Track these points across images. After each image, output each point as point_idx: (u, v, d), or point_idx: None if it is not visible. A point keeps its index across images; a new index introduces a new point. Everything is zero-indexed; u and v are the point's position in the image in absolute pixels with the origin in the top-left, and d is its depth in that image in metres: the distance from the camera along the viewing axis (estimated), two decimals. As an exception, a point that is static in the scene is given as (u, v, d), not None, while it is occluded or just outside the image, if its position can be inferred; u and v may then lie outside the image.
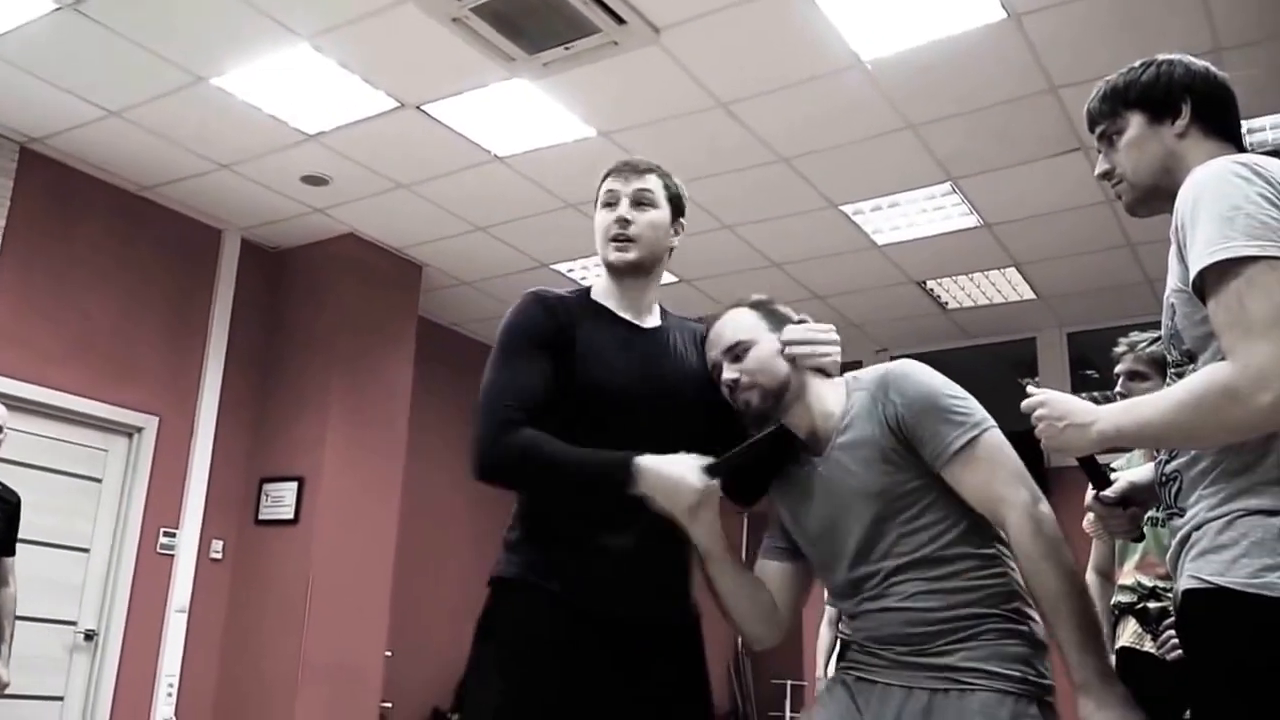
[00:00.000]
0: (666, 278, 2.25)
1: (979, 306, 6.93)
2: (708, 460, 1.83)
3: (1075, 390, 5.96)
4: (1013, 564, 1.77)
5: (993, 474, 1.73)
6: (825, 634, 4.55)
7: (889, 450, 1.78)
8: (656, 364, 2.05)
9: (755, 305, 1.99)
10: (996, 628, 1.72)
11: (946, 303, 6.91)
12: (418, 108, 4.89)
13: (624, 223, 2.05)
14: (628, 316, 2.08)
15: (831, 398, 1.88)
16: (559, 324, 1.98)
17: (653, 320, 2.13)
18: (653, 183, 2.10)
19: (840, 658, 1.93)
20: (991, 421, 1.74)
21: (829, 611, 4.39)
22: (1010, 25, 4.17)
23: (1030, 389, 1.76)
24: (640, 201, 2.07)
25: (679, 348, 2.11)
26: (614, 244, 2.05)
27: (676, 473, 1.81)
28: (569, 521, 1.94)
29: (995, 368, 7.34)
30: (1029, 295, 6.74)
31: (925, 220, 5.81)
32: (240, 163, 5.49)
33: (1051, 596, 1.64)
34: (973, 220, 5.80)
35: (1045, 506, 1.68)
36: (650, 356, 2.05)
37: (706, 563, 1.91)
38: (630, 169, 2.10)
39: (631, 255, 2.04)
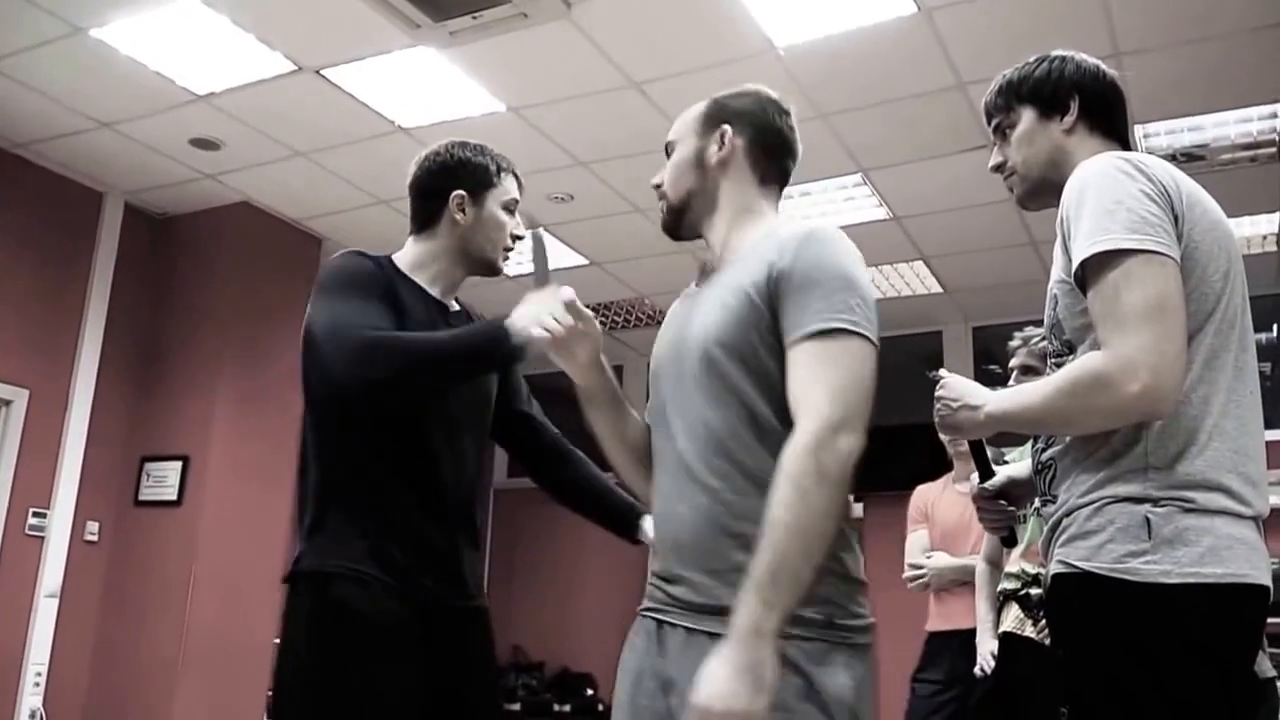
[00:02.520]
0: (577, 259, 2.26)
1: (887, 299, 6.99)
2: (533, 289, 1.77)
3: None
4: None
5: (823, 376, 1.44)
6: None
7: (751, 301, 1.52)
8: None
9: (712, 102, 1.76)
10: None
11: (854, 294, 6.94)
12: (316, 72, 4.68)
13: (517, 239, 2.17)
14: (436, 294, 2.11)
15: (750, 233, 1.65)
16: (389, 283, 2.00)
17: (455, 305, 2.18)
18: None
19: None
20: (871, 335, 1.48)
21: None
22: (921, 19, 4.19)
23: (940, 373, 1.83)
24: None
25: None
26: (509, 253, 2.17)
27: (537, 301, 1.73)
28: (386, 510, 1.94)
29: (902, 360, 7.41)
30: (936, 289, 6.85)
31: (835, 210, 5.83)
32: (123, 122, 5.19)
33: (772, 521, 1.36)
34: (882, 212, 5.83)
35: (846, 441, 1.39)
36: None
37: (585, 405, 1.74)
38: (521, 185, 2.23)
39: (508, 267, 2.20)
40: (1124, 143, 1.75)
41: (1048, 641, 2.79)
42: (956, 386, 1.74)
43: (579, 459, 2.29)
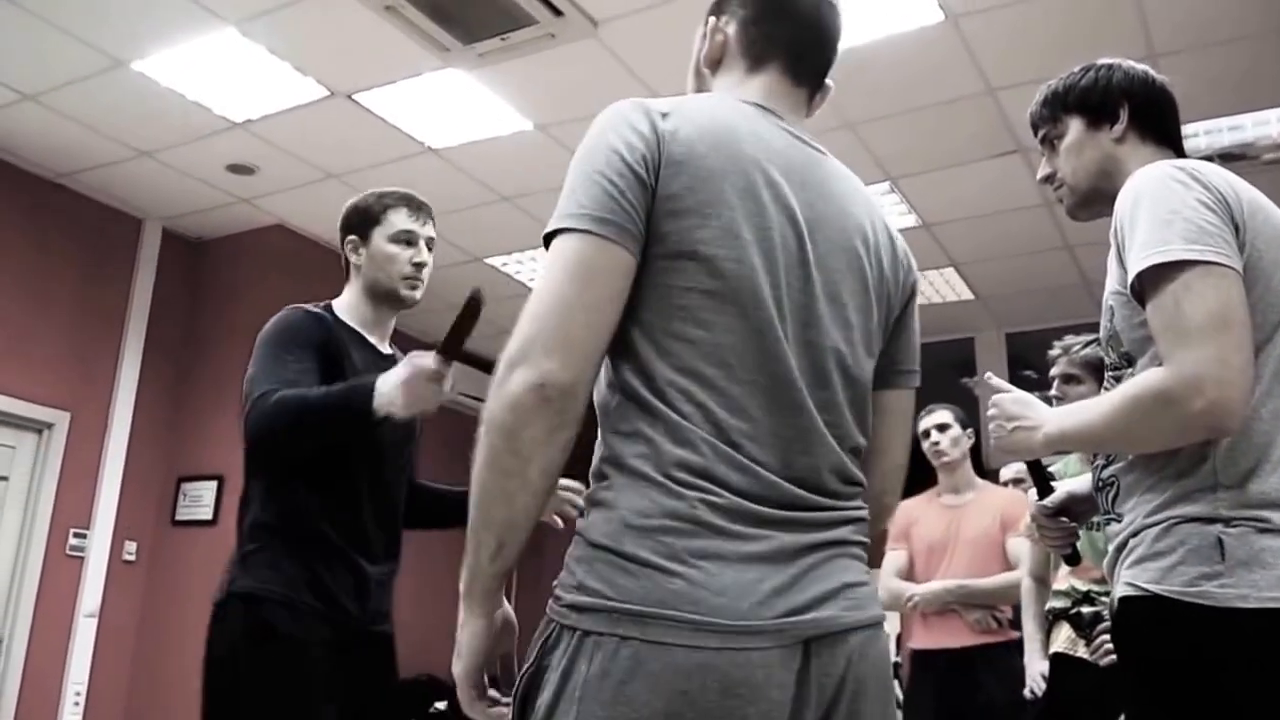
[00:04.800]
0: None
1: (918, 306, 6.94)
2: (432, 350, 1.94)
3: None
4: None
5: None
6: None
7: None
8: None
9: None
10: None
11: (884, 303, 6.91)
12: (349, 96, 4.75)
13: (420, 267, 2.27)
14: (374, 341, 2.27)
15: None
16: (330, 337, 2.13)
17: (387, 349, 2.32)
18: (433, 229, 2.34)
19: None
20: (578, 223, 1.12)
21: None
22: (948, 26, 4.18)
23: (992, 381, 1.79)
24: (428, 248, 2.31)
25: None
26: (408, 281, 2.26)
27: (409, 370, 1.93)
28: (318, 540, 2.06)
29: (934, 367, 7.34)
30: (967, 296, 6.80)
31: (864, 220, 5.81)
32: (162, 150, 5.28)
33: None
34: (911, 220, 5.81)
35: (517, 379, 1.07)
36: None
37: None
38: (425, 213, 2.31)
39: (419, 294, 2.29)
40: (1177, 149, 1.70)
41: (1101, 663, 2.74)
42: (1009, 407, 1.68)
43: (418, 487, 2.40)
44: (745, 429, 1.12)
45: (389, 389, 1.92)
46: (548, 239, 1.14)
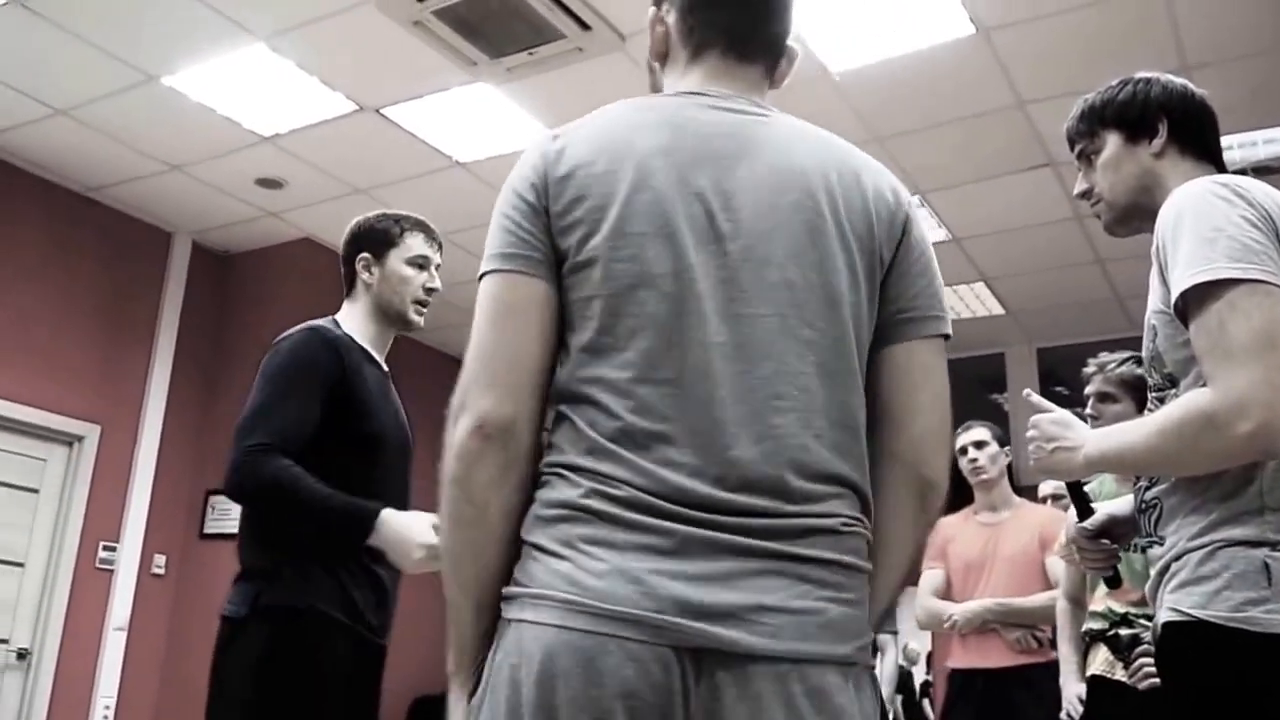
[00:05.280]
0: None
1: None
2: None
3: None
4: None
5: None
6: None
7: None
8: (398, 409, 2.28)
9: None
10: None
11: (913, 318, 6.86)
12: (377, 111, 4.78)
13: (431, 293, 2.31)
14: (375, 355, 2.28)
15: None
16: (343, 369, 2.12)
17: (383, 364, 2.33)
18: (441, 257, 2.36)
19: None
20: (491, 264, 1.14)
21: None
22: (979, 40, 4.16)
23: (1032, 399, 1.75)
24: (437, 273, 2.34)
25: (397, 393, 2.35)
26: (418, 306, 2.30)
27: (413, 531, 1.97)
28: (343, 550, 2.04)
29: (964, 383, 7.30)
30: (998, 310, 6.75)
31: (892, 235, 5.78)
32: (192, 164, 5.33)
33: None
34: (941, 234, 5.77)
35: (460, 426, 1.09)
36: (394, 400, 2.28)
37: None
38: (438, 241, 2.34)
39: (423, 320, 2.33)
40: (1217, 164, 1.67)
41: (1139, 686, 2.68)
42: (1048, 428, 1.64)
43: None
44: (656, 429, 1.06)
45: (390, 543, 1.98)
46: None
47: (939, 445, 1.20)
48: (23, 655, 5.20)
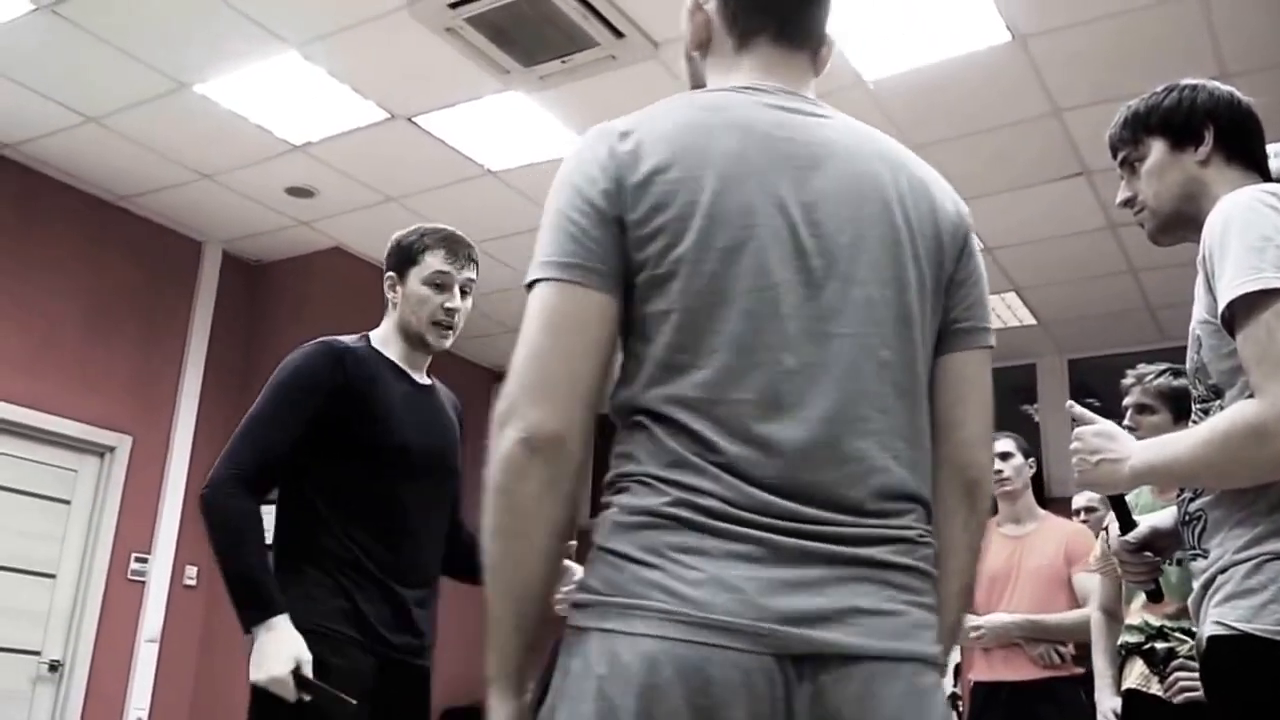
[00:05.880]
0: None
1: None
2: (307, 668, 1.90)
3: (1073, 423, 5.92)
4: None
5: None
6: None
7: None
8: (435, 423, 2.22)
9: None
10: None
11: (944, 328, 6.82)
12: (409, 119, 4.78)
13: (452, 313, 2.21)
14: (407, 369, 2.22)
15: None
16: (346, 379, 2.08)
17: (424, 378, 2.28)
18: (476, 272, 2.27)
19: None
20: (546, 272, 1.09)
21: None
22: (1015, 47, 4.13)
23: (1075, 411, 1.73)
24: (466, 291, 2.24)
25: (445, 407, 2.29)
26: (438, 328, 2.20)
27: (273, 652, 1.89)
28: (358, 569, 2.03)
29: (995, 394, 7.23)
30: (1029, 321, 6.69)
31: (924, 244, 5.75)
32: (223, 173, 5.34)
33: None
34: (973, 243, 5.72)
35: (506, 436, 1.06)
36: (430, 414, 2.22)
37: None
38: (466, 258, 2.23)
39: (448, 343, 2.23)
40: (1263, 172, 1.67)
41: (1175, 700, 2.66)
42: (1092, 440, 1.63)
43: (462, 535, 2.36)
44: (736, 448, 1.04)
45: (261, 661, 1.90)
46: (529, 289, 1.11)
47: (983, 446, 1.22)
48: (55, 667, 5.20)
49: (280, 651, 1.88)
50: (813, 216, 1.11)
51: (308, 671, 1.89)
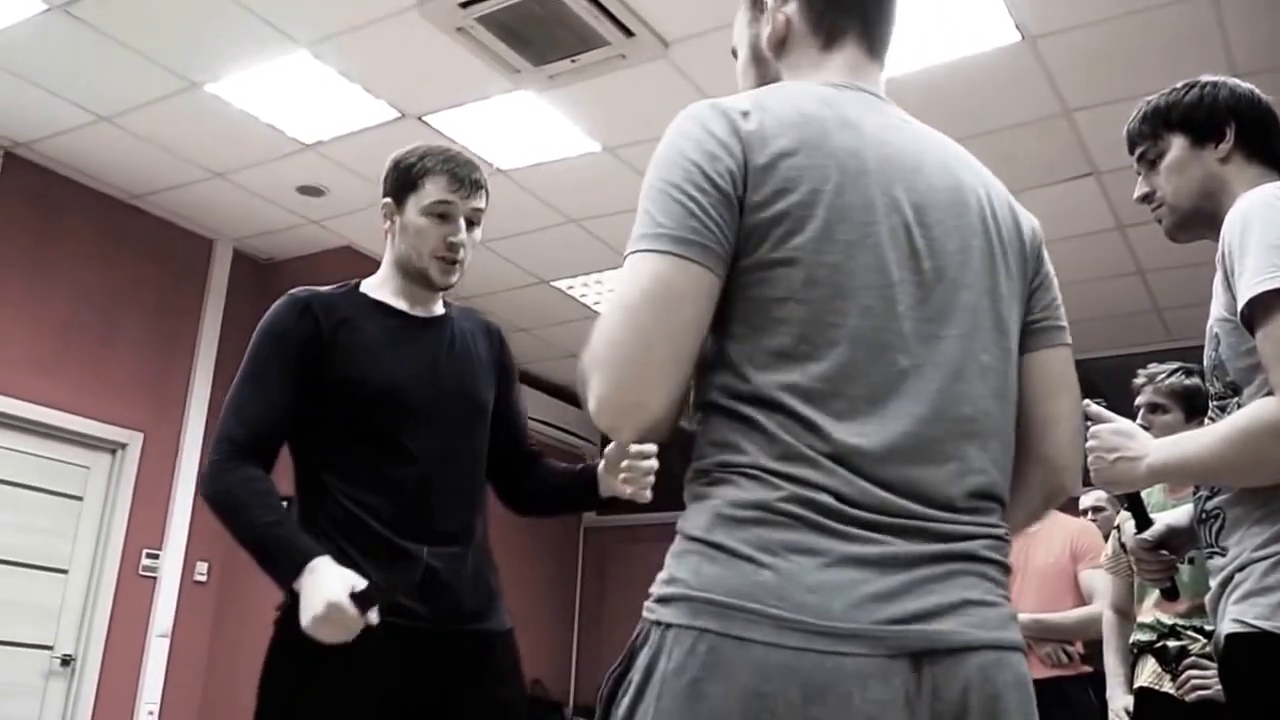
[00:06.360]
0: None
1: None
2: (364, 586, 1.69)
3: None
4: None
5: None
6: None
7: None
8: (437, 355, 1.96)
9: None
10: None
11: (952, 327, 6.82)
12: (419, 118, 4.79)
13: (456, 247, 1.96)
14: (403, 307, 1.99)
15: None
16: (315, 330, 1.88)
17: (434, 310, 2.04)
18: (484, 200, 2.01)
19: None
20: (654, 245, 1.05)
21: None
22: (1025, 48, 4.13)
23: (1092, 409, 1.71)
24: (473, 222, 1.99)
25: (465, 337, 2.03)
26: (440, 263, 1.96)
27: (322, 590, 1.67)
28: (365, 534, 1.82)
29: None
30: (1036, 321, 6.67)
31: (932, 243, 5.74)
32: (234, 171, 5.36)
33: None
34: (982, 244, 5.72)
35: (608, 415, 1.06)
36: (436, 348, 1.97)
37: None
38: (472, 183, 1.96)
39: (454, 279, 1.98)
40: None
41: (1187, 699, 2.67)
42: (1110, 438, 1.63)
43: (539, 465, 2.16)
44: (852, 443, 1.03)
45: (309, 603, 1.68)
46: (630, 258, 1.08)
47: (1079, 453, 1.25)
48: (67, 662, 5.23)
49: (328, 583, 1.67)
50: (924, 219, 1.11)
51: (361, 587, 1.69)
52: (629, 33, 4.08)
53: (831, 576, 0.98)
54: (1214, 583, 1.54)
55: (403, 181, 1.97)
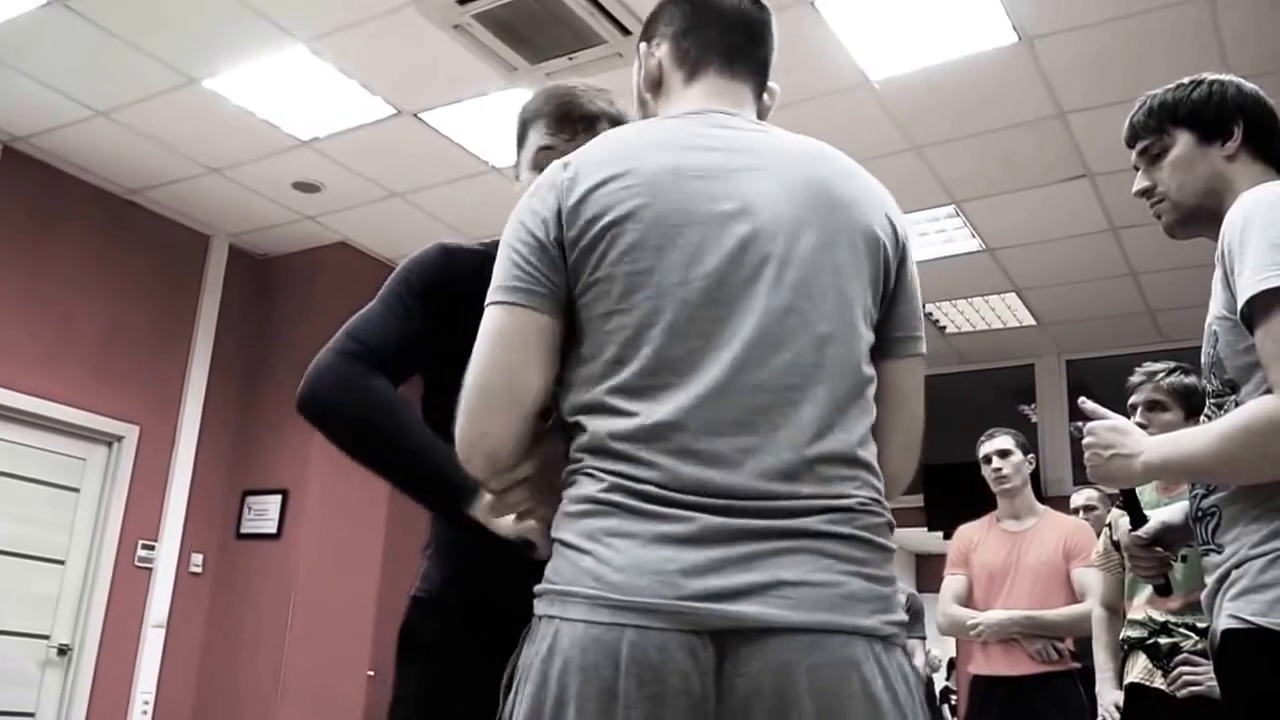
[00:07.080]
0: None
1: (978, 331, 6.87)
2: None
3: (1071, 419, 5.93)
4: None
5: None
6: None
7: None
8: None
9: None
10: None
11: (945, 327, 6.84)
12: (415, 115, 4.80)
13: None
14: None
15: None
16: (454, 274, 1.62)
17: None
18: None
19: None
20: (494, 296, 1.18)
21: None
22: (1022, 49, 4.14)
23: (1088, 406, 1.72)
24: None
25: None
26: None
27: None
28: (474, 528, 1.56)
29: (993, 394, 7.30)
30: (1029, 321, 6.70)
31: (926, 243, 5.75)
32: (231, 167, 5.37)
33: None
34: (975, 244, 5.75)
35: (467, 439, 1.21)
36: None
37: None
38: (582, 120, 1.62)
39: None
40: None
41: (1178, 695, 2.68)
42: (1105, 435, 1.62)
43: None
44: (671, 427, 1.10)
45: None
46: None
47: (912, 464, 1.29)
48: (63, 651, 5.26)
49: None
50: (751, 211, 1.17)
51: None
52: (626, 31, 4.08)
53: (643, 555, 1.05)
54: (1210, 579, 1.54)
55: (519, 132, 1.73)
